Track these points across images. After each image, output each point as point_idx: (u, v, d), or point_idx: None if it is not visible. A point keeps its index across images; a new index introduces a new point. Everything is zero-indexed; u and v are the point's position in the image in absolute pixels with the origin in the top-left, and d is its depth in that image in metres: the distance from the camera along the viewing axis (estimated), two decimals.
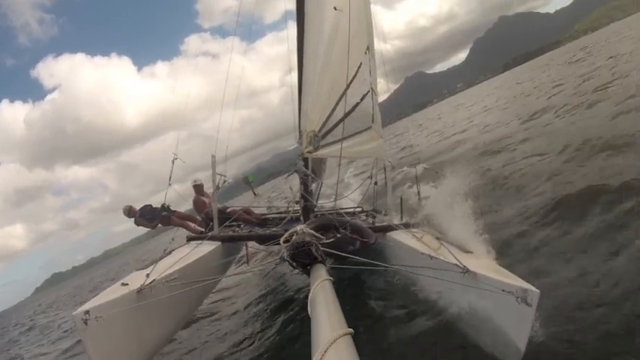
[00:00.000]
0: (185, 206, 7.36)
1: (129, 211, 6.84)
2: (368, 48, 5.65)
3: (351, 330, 1.60)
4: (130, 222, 6.98)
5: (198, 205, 6.83)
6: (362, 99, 5.55)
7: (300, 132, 5.29)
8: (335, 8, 5.18)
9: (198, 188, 6.97)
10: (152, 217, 6.69)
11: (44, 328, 14.55)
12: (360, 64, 5.49)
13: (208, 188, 6.70)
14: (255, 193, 6.74)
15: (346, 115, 5.29)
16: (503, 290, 2.51)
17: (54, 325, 14.04)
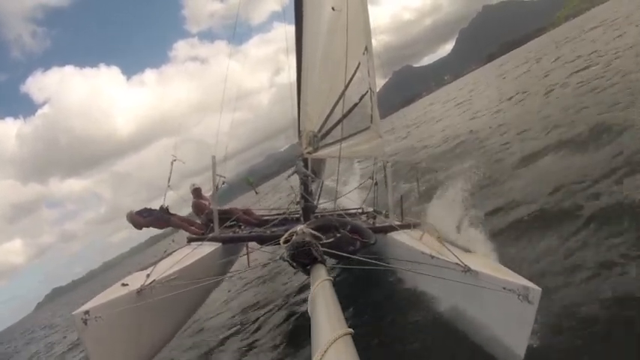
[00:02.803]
0: (184, 210, 7.35)
1: (132, 219, 6.79)
2: (366, 48, 5.66)
3: (351, 330, 1.59)
4: (127, 231, 6.93)
5: (198, 207, 6.80)
6: (360, 99, 5.56)
7: (299, 132, 5.30)
8: (333, 9, 5.19)
9: (196, 192, 6.95)
10: (149, 214, 6.65)
11: None
12: (359, 64, 5.49)
13: (207, 191, 6.72)
14: (256, 192, 6.81)
15: (345, 115, 5.29)
16: (504, 288, 2.51)
17: None
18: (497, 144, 9.54)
